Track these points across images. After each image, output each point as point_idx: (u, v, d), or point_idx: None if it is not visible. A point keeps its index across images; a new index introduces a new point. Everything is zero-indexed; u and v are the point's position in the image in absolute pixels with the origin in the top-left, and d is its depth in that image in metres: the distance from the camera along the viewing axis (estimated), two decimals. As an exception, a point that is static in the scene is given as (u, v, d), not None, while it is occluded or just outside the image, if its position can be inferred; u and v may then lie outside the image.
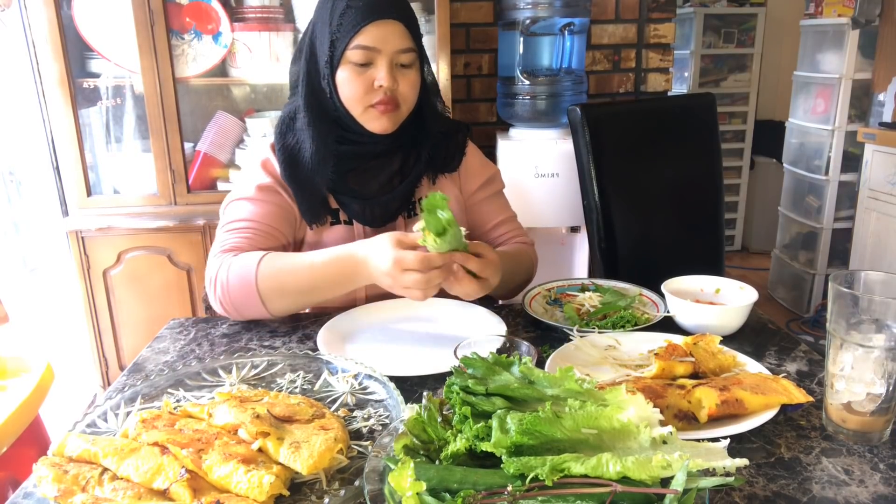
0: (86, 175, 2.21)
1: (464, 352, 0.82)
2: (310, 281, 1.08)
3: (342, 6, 1.10)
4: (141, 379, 0.94)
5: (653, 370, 0.88)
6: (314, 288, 1.09)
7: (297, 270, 1.08)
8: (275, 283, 1.08)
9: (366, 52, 1.11)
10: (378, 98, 1.13)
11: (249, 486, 0.65)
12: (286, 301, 1.11)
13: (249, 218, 1.18)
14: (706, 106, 1.90)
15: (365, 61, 1.12)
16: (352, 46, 1.10)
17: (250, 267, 1.08)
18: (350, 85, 1.13)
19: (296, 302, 1.13)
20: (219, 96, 2.46)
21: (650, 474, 0.55)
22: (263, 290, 1.09)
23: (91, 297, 2.26)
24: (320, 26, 1.14)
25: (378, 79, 1.12)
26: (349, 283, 1.08)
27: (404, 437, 0.65)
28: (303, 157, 1.17)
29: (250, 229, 1.17)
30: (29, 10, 2.09)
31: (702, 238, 1.92)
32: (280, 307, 1.12)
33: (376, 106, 1.14)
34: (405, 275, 0.97)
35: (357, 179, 1.23)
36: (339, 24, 1.10)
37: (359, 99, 1.14)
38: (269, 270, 1.08)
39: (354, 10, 1.10)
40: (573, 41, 2.21)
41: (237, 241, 1.16)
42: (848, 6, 3.09)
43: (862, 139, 3.03)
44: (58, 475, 0.67)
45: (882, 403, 0.76)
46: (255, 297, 1.09)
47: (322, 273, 1.07)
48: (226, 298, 1.11)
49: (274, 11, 2.24)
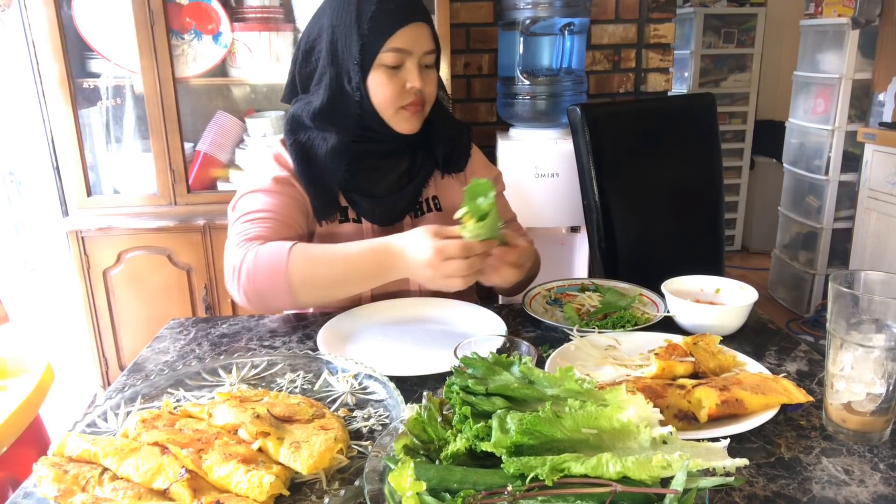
0: (86, 175, 2.21)
1: (464, 352, 0.82)
2: (343, 272, 1.06)
3: (371, 10, 1.11)
4: (141, 379, 0.94)
5: (653, 370, 0.88)
6: (346, 280, 1.06)
7: (330, 261, 1.06)
8: (306, 274, 1.05)
9: (399, 54, 1.13)
10: (409, 100, 1.16)
11: (249, 486, 0.65)
12: (315, 292, 1.08)
13: (267, 209, 1.16)
14: (706, 106, 1.90)
15: (397, 64, 1.14)
16: (385, 49, 1.12)
17: (280, 256, 1.05)
18: (384, 88, 1.14)
19: (325, 293, 1.09)
20: (219, 96, 2.46)
21: (650, 474, 0.55)
22: (293, 281, 1.05)
23: (91, 297, 2.26)
24: (343, 29, 1.13)
25: (410, 80, 1.14)
26: (382, 276, 1.06)
27: (404, 437, 0.65)
28: (316, 155, 1.18)
29: (270, 219, 1.15)
30: (29, 10, 2.09)
31: (702, 238, 1.92)
32: (308, 298, 1.09)
33: (407, 107, 1.17)
34: (447, 263, 0.97)
35: (367, 178, 1.23)
36: (369, 27, 1.11)
37: (392, 101, 1.15)
38: (301, 260, 1.05)
39: (385, 14, 1.11)
40: (573, 41, 2.21)
41: (259, 230, 1.14)
42: (848, 6, 3.09)
43: (862, 139, 3.03)
44: (58, 475, 0.67)
45: (882, 403, 0.76)
46: (284, 287, 1.05)
47: (356, 264, 1.05)
48: (250, 288, 1.07)
49: (274, 11, 2.24)
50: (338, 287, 1.08)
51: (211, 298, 2.29)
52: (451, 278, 0.98)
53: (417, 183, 1.26)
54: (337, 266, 1.06)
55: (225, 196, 2.28)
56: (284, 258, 1.05)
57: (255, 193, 1.19)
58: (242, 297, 1.09)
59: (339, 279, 1.07)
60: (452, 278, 0.98)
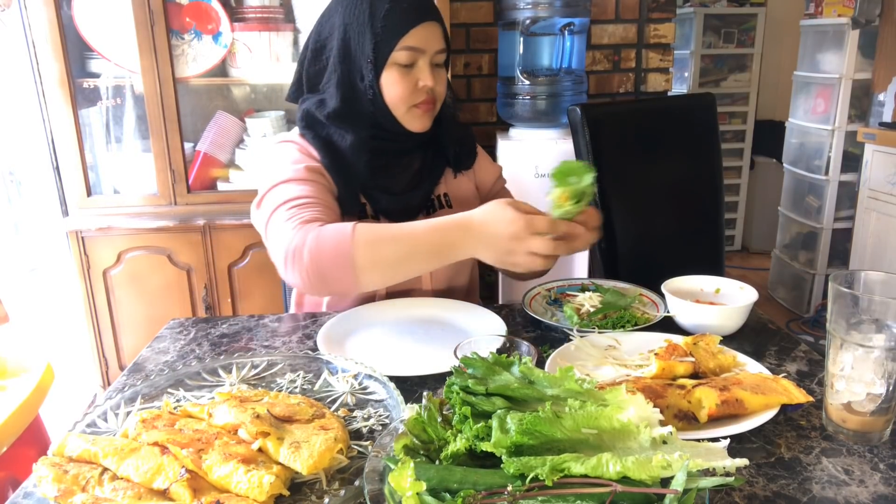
0: (86, 175, 2.21)
1: (464, 352, 0.82)
2: (409, 248, 1.01)
3: (384, 8, 1.12)
4: (141, 379, 0.94)
5: (653, 370, 0.88)
6: (411, 256, 1.02)
7: (395, 237, 1.02)
8: (371, 252, 1.01)
9: (412, 53, 1.14)
10: (421, 98, 1.17)
11: (249, 486, 0.65)
12: (380, 271, 1.03)
13: (310, 195, 1.13)
14: (706, 106, 1.90)
15: (410, 62, 1.15)
16: (399, 48, 1.13)
17: (345, 234, 1.02)
18: (397, 86, 1.15)
19: (390, 273, 1.04)
20: (219, 96, 2.46)
21: (650, 474, 0.55)
22: (358, 259, 1.00)
23: (91, 297, 2.26)
24: (356, 27, 1.14)
25: (422, 79, 1.16)
26: (450, 252, 1.01)
27: (404, 437, 0.65)
28: (338, 148, 1.18)
29: (317, 204, 1.12)
30: (29, 10, 2.09)
31: (702, 238, 1.91)
32: (372, 278, 1.04)
33: (419, 106, 1.18)
34: (534, 239, 0.95)
35: (383, 176, 1.24)
36: (383, 25, 1.12)
37: (404, 99, 1.16)
38: (365, 238, 1.01)
39: (399, 13, 1.12)
40: (573, 41, 2.21)
41: (313, 213, 1.09)
42: (848, 6, 3.09)
43: (862, 139, 3.03)
44: (58, 475, 0.67)
45: (882, 403, 0.76)
46: (349, 267, 1.01)
47: (423, 239, 1.01)
48: (313, 268, 1.02)
49: (274, 11, 2.24)
50: (403, 265, 1.03)
51: (211, 298, 2.29)
52: (534, 256, 0.95)
53: (431, 181, 1.28)
54: (402, 242, 1.02)
55: (225, 196, 2.28)
56: (349, 236, 1.01)
57: (289, 183, 1.14)
58: (303, 279, 1.04)
59: (404, 256, 1.02)
60: (535, 256, 0.95)
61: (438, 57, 1.18)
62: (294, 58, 2.31)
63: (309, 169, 1.17)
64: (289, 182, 1.14)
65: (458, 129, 1.33)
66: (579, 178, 0.99)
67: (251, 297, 2.30)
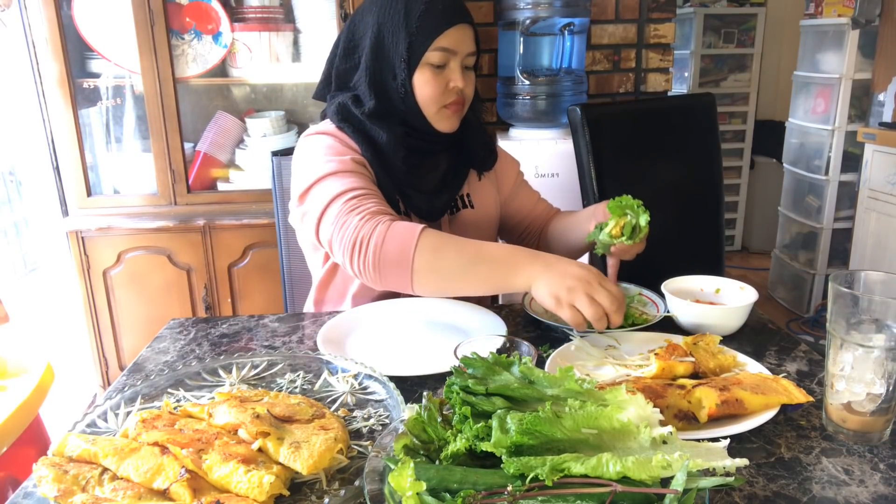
0: (86, 175, 2.21)
1: (464, 352, 0.82)
2: (469, 262, 1.02)
3: (420, 9, 1.14)
4: (141, 379, 0.94)
5: (653, 370, 0.88)
6: (469, 270, 1.02)
7: (459, 248, 1.03)
8: (432, 257, 1.02)
9: (445, 53, 1.16)
10: (452, 98, 1.19)
11: (249, 486, 0.65)
12: (435, 279, 1.04)
13: (365, 187, 1.13)
14: (706, 106, 1.90)
15: (442, 63, 1.17)
16: (432, 48, 1.15)
17: (412, 234, 1.02)
18: (429, 86, 1.17)
19: (445, 282, 1.05)
20: (219, 96, 2.46)
21: (650, 474, 0.55)
22: (418, 262, 1.01)
23: (91, 297, 2.26)
24: (391, 26, 1.16)
25: (453, 80, 1.18)
26: (511, 274, 1.00)
27: (404, 437, 0.65)
28: (378, 143, 1.19)
29: (375, 196, 1.12)
30: (29, 10, 2.09)
31: (702, 238, 1.91)
32: (426, 284, 1.04)
33: (449, 106, 1.20)
34: (602, 289, 0.95)
35: (414, 175, 1.25)
36: (418, 25, 1.14)
37: (435, 99, 1.18)
38: (431, 242, 1.02)
39: (434, 14, 1.14)
40: (573, 41, 2.21)
41: (377, 205, 1.09)
42: (848, 6, 3.09)
43: (862, 139, 3.03)
44: (58, 475, 0.67)
45: (882, 403, 0.76)
46: (407, 267, 1.02)
47: (485, 256, 1.02)
48: (375, 261, 1.03)
49: (274, 11, 2.24)
50: (459, 278, 1.03)
51: (211, 298, 2.29)
52: (595, 307, 0.94)
53: (457, 182, 1.31)
54: (465, 253, 1.02)
55: (225, 196, 2.28)
56: (416, 237, 1.02)
57: (339, 175, 1.13)
58: (364, 270, 1.05)
59: (462, 268, 1.02)
60: (596, 307, 0.94)
61: (469, 59, 1.20)
62: (294, 58, 2.31)
63: (354, 161, 1.17)
64: (338, 174, 1.14)
65: (482, 132, 1.36)
66: (636, 215, 1.09)
67: (251, 297, 2.30)
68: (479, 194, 1.36)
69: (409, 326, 1.14)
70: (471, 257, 1.02)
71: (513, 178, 1.44)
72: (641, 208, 1.12)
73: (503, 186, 1.43)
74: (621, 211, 1.13)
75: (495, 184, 1.41)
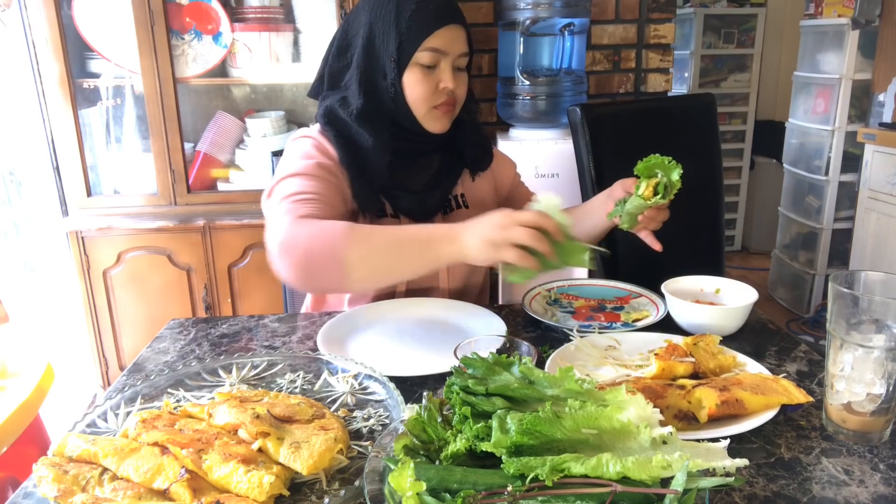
0: (86, 175, 2.21)
1: (464, 352, 0.82)
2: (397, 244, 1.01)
3: (410, 8, 1.13)
4: (141, 379, 0.94)
5: (653, 370, 0.88)
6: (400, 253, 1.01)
7: (384, 234, 1.02)
8: (361, 249, 1.01)
9: (435, 54, 1.15)
10: (442, 99, 1.18)
11: (249, 486, 0.65)
12: (369, 269, 1.02)
13: (314, 191, 1.13)
14: (706, 106, 1.90)
15: (432, 63, 1.16)
16: (422, 48, 1.14)
17: (336, 231, 1.02)
18: (418, 86, 1.16)
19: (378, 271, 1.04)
20: (219, 96, 2.46)
21: (650, 474, 0.55)
22: (348, 256, 1.00)
23: (91, 297, 2.26)
24: (382, 25, 1.15)
25: (443, 80, 1.17)
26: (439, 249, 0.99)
27: (404, 437, 0.65)
28: (360, 148, 1.18)
29: (319, 201, 1.12)
30: (29, 10, 2.09)
31: (702, 238, 1.91)
32: (360, 276, 1.03)
33: (439, 107, 1.19)
34: (517, 228, 0.92)
35: (403, 175, 1.24)
36: (408, 25, 1.13)
37: (425, 100, 1.17)
38: (356, 235, 1.02)
39: (424, 14, 1.13)
40: (573, 41, 2.21)
41: (311, 209, 1.10)
42: (848, 6, 3.09)
43: (862, 139, 3.03)
44: (58, 475, 0.67)
45: (882, 403, 0.76)
46: (339, 263, 1.00)
47: (412, 235, 1.02)
48: (303, 262, 1.02)
49: (274, 11, 2.24)
50: (391, 264, 1.03)
51: (211, 298, 2.29)
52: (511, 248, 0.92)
53: (449, 182, 1.30)
54: (391, 239, 1.02)
55: (225, 196, 2.28)
56: (341, 233, 1.01)
57: (298, 177, 1.15)
58: (293, 274, 1.04)
59: (392, 254, 1.02)
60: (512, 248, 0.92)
61: (461, 60, 1.19)
62: (294, 58, 2.31)
63: (320, 166, 1.17)
64: (296, 176, 1.15)
65: (475, 132, 1.35)
66: (667, 172, 1.07)
67: (251, 297, 2.30)
68: (475, 194, 1.35)
69: (409, 326, 1.14)
70: (398, 241, 1.02)
71: (510, 180, 1.44)
72: (673, 163, 1.09)
73: (500, 188, 1.42)
74: (650, 171, 1.11)
75: (492, 184, 1.40)
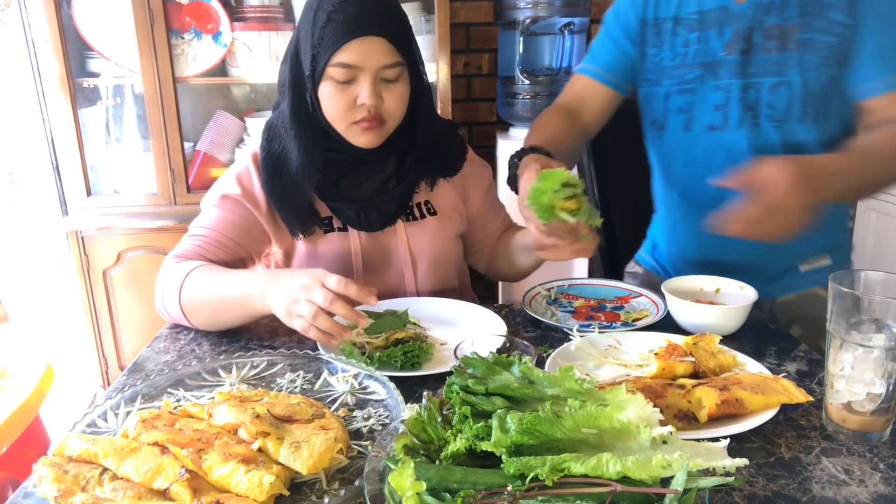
0: (86, 175, 2.21)
1: (464, 352, 0.82)
2: (216, 296, 1.05)
3: (323, 18, 1.05)
4: (141, 379, 0.94)
5: (653, 370, 0.88)
6: (219, 303, 1.05)
7: (211, 286, 1.05)
8: (192, 296, 1.06)
9: (347, 69, 1.06)
10: (361, 115, 1.10)
11: (249, 486, 0.65)
12: (201, 316, 1.09)
13: (209, 226, 1.16)
14: (706, 106, 1.90)
15: (347, 78, 1.07)
16: (332, 63, 1.06)
17: (180, 276, 1.07)
18: (332, 101, 1.10)
19: (207, 318, 1.09)
20: (219, 96, 2.46)
21: (650, 474, 0.55)
22: (184, 302, 1.07)
23: (91, 297, 2.26)
24: (303, 35, 1.10)
25: (361, 97, 1.08)
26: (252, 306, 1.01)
27: (404, 437, 0.65)
28: (289, 166, 1.15)
29: (205, 238, 1.15)
30: (29, 10, 2.09)
31: (702, 238, 1.91)
32: (198, 321, 1.10)
33: (359, 123, 1.11)
34: (319, 290, 0.91)
35: (350, 184, 1.20)
36: (319, 38, 1.06)
37: (341, 116, 1.11)
38: (192, 283, 1.06)
39: (335, 25, 1.04)
40: (573, 41, 2.21)
41: (188, 248, 1.14)
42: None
43: (862, 139, 3.02)
44: (58, 475, 0.67)
45: (882, 403, 0.76)
46: (179, 308, 1.08)
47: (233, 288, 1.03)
48: (160, 303, 1.12)
49: (274, 11, 2.25)
50: (217, 315, 1.08)
51: (211, 298, 2.29)
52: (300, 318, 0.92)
53: (406, 184, 1.22)
54: (213, 292, 1.05)
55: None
56: (181, 279, 1.07)
57: (207, 207, 1.20)
58: (158, 309, 1.14)
59: (214, 307, 1.06)
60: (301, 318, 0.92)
61: (387, 72, 1.08)
62: (294, 58, 2.31)
63: (225, 197, 1.18)
64: (206, 206, 1.20)
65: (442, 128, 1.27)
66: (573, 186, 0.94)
67: (251, 296, 2.30)
68: (441, 201, 1.27)
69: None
70: (217, 299, 1.05)
71: (483, 189, 1.33)
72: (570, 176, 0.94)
73: (473, 196, 1.32)
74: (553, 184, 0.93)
75: (460, 191, 1.30)
